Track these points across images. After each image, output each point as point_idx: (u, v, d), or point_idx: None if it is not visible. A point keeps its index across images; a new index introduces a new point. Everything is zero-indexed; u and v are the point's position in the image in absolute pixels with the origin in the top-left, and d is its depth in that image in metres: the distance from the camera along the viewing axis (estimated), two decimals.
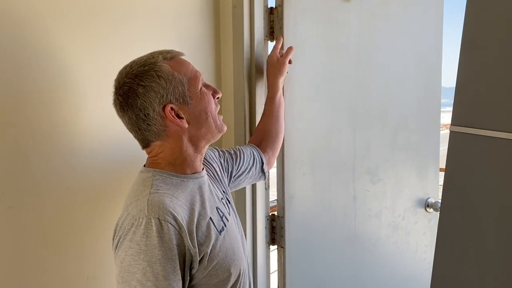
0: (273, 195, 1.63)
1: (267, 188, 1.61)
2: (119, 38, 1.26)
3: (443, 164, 1.37)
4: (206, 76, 1.53)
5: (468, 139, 1.14)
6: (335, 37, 1.66)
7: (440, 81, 1.99)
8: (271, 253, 1.67)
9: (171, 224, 0.87)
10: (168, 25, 1.40)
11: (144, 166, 1.03)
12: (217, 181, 1.19)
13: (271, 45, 1.58)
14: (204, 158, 1.13)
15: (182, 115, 0.98)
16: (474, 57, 1.08)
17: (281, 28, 1.53)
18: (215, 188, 1.13)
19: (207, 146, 1.07)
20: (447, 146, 1.19)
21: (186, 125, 0.99)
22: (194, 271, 0.92)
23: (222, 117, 1.08)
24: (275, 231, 1.62)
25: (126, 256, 0.86)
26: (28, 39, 1.08)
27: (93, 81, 1.20)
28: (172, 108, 0.96)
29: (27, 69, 1.08)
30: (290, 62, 1.48)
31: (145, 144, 1.01)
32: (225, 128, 1.07)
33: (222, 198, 1.13)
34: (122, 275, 0.86)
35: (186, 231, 0.89)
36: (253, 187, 1.58)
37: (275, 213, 1.62)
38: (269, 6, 1.55)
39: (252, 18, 1.51)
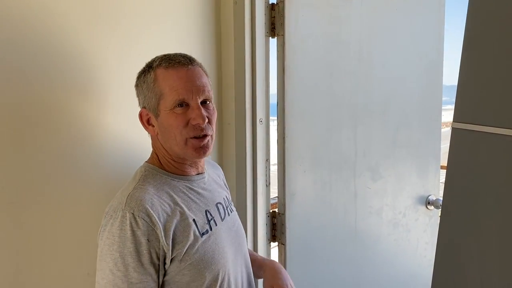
0: (273, 192, 1.63)
1: (267, 185, 1.61)
2: (119, 36, 1.25)
3: (444, 162, 1.37)
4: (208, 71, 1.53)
5: (470, 136, 1.13)
6: (336, 33, 1.65)
7: (441, 78, 1.98)
8: (272, 250, 1.67)
9: (145, 220, 0.90)
10: (169, 22, 1.40)
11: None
12: (220, 185, 1.19)
13: (272, 41, 1.57)
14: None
15: (153, 124, 1.03)
16: (476, 54, 1.08)
17: (282, 24, 1.52)
18: (213, 191, 1.11)
19: (188, 159, 1.04)
20: (447, 144, 1.18)
21: (156, 133, 1.04)
22: (167, 266, 0.95)
23: (204, 142, 1.00)
24: (276, 228, 1.62)
25: (104, 245, 0.91)
26: (44, 39, 1.07)
27: (95, 80, 1.20)
28: (147, 114, 1.03)
29: (34, 67, 1.07)
30: None
31: None
32: (199, 154, 1.01)
33: (219, 203, 1.10)
34: (100, 263, 0.93)
35: (162, 228, 0.92)
36: (254, 184, 1.57)
37: (276, 210, 1.62)
38: (270, 2, 1.55)
39: (253, 14, 1.51)
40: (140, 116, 1.04)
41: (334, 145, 1.69)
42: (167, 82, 0.98)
